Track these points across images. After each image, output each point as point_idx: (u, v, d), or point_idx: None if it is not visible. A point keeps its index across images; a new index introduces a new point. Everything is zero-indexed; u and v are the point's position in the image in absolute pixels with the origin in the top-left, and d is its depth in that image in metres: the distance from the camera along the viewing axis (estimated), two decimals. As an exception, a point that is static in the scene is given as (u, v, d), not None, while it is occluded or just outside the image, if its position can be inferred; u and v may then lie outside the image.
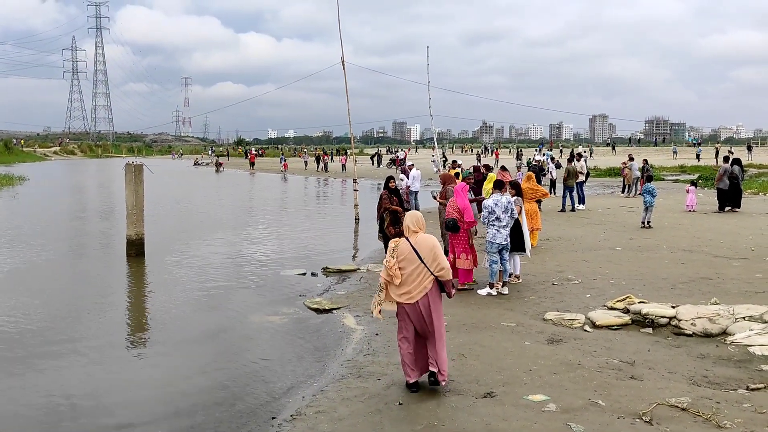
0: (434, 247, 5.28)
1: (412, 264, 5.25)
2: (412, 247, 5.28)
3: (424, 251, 5.25)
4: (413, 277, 5.25)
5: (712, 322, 6.86)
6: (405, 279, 5.27)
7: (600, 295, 8.52)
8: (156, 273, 11.42)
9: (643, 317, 7.18)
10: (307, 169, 50.85)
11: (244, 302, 9.18)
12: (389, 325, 7.51)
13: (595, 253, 11.87)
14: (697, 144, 64.53)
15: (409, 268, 5.25)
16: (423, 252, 5.25)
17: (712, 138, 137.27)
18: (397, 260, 5.29)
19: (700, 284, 9.08)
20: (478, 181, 16.94)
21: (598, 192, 25.95)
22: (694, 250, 11.84)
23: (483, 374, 5.72)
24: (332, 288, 9.86)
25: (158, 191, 27.17)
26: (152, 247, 13.03)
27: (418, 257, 5.25)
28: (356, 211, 18.11)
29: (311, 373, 6.26)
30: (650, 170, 21.47)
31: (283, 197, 30.27)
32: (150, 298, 9.85)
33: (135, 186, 12.56)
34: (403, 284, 5.27)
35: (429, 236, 5.38)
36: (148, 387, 6.19)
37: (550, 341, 6.65)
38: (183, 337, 7.67)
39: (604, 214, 18.01)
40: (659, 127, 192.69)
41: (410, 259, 5.26)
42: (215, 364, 6.67)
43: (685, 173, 34.99)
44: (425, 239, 5.32)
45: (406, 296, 5.28)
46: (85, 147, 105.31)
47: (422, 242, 5.29)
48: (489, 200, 8.91)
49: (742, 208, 17.76)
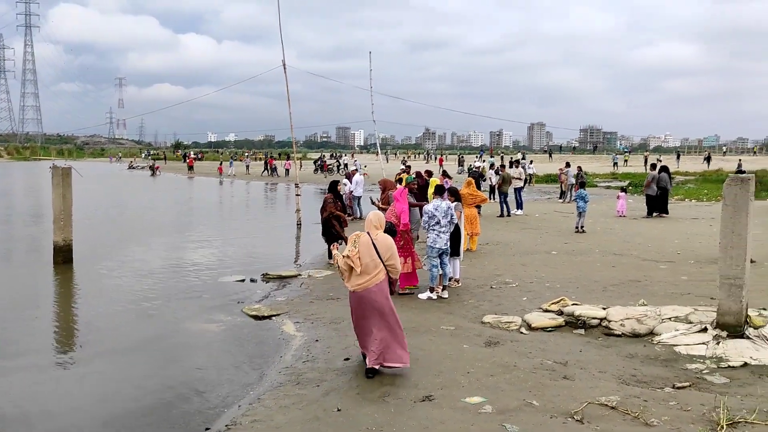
0: (392, 247, 5.90)
1: (368, 257, 5.75)
2: (372, 242, 5.80)
3: (382, 248, 5.82)
4: (369, 269, 5.75)
5: (640, 322, 7.14)
6: (362, 268, 5.73)
7: (536, 298, 8.73)
8: (85, 281, 10.93)
9: (576, 319, 7.40)
10: (249, 173, 50.01)
11: (179, 310, 8.89)
12: (329, 331, 7.46)
13: (532, 257, 12.17)
14: (628, 152, 67.39)
15: (366, 260, 5.74)
16: (381, 248, 5.81)
17: (641, 147, 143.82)
18: (357, 251, 5.74)
19: (630, 286, 9.45)
20: (421, 186, 17.08)
21: (536, 198, 26.68)
22: (624, 254, 12.32)
23: (422, 378, 5.74)
24: (272, 294, 9.70)
25: (90, 195, 26.11)
26: (82, 253, 12.49)
27: (375, 252, 5.77)
28: (298, 216, 17.93)
29: (248, 381, 6.12)
30: (584, 177, 22.27)
31: (223, 202, 29.65)
32: (78, 306, 9.41)
33: (62, 190, 12.02)
34: (354, 275, 5.76)
35: (388, 236, 5.97)
36: (77, 398, 5.89)
37: (488, 344, 6.75)
38: (113, 347, 7.35)
39: (540, 219, 18.52)
40: (593, 135, 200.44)
41: (368, 252, 5.76)
42: (148, 374, 6.43)
43: (616, 180, 36.45)
44: (385, 238, 5.91)
45: (360, 286, 5.76)
46: (11, 149, 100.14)
47: (381, 240, 5.87)
48: (429, 205, 8.99)
49: (669, 213, 18.64)
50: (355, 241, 5.82)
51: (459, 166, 48.68)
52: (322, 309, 8.56)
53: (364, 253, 5.75)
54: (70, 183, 12.17)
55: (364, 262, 5.73)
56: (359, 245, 5.77)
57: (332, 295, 9.33)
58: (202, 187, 38.89)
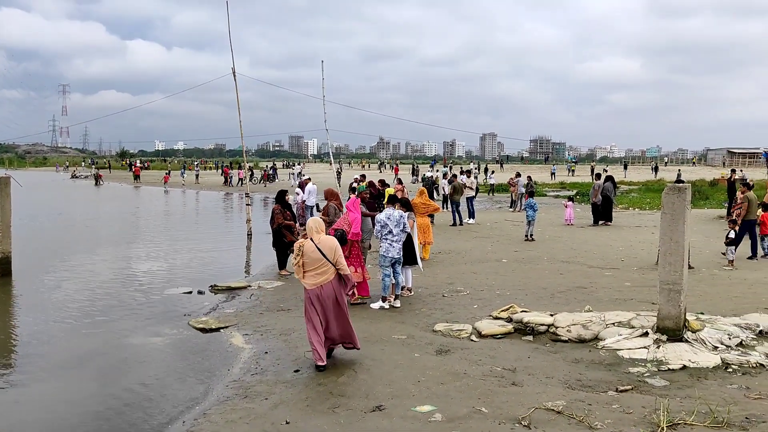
0: (336, 247, 6.38)
1: (316, 260, 6.29)
2: (316, 246, 6.30)
3: (327, 249, 6.32)
4: (319, 270, 6.31)
5: (585, 328, 7.31)
6: (311, 271, 6.30)
7: (486, 306, 8.84)
8: (24, 294, 10.47)
9: (525, 325, 7.53)
10: (199, 182, 49.04)
11: (123, 324, 8.60)
12: (279, 343, 7.36)
13: (483, 265, 12.33)
14: (575, 162, 69.38)
15: (315, 263, 6.30)
16: (325, 250, 6.31)
17: (589, 157, 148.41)
18: (302, 258, 6.29)
19: (576, 293, 9.68)
20: (374, 195, 17.11)
21: (487, 207, 27.10)
22: (571, 261, 12.63)
23: (372, 388, 5.71)
24: (220, 306, 9.50)
25: (31, 206, 25.08)
26: (21, 266, 11.95)
27: (321, 254, 6.28)
28: (249, 226, 17.67)
29: (194, 395, 5.96)
30: (533, 186, 22.75)
31: (171, 212, 28.94)
32: (17, 320, 8.99)
33: (1, 200, 11.50)
34: (309, 276, 6.32)
35: (330, 237, 6.50)
36: (13, 417, 5.60)
37: (439, 352, 6.79)
38: (54, 363, 7.05)
39: (492, 227, 18.82)
40: (542, 145, 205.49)
41: (314, 256, 6.30)
42: (89, 391, 6.19)
43: (564, 189, 37.44)
44: (327, 240, 6.41)
45: (315, 285, 6.32)
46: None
47: (325, 242, 6.37)
48: (381, 214, 9.01)
49: (614, 221, 19.23)
50: (299, 248, 6.33)
51: (413, 176, 49.05)
52: (272, 320, 8.43)
53: (311, 258, 6.28)
54: (8, 193, 11.68)
55: (312, 266, 6.29)
56: (303, 252, 6.29)
57: (282, 306, 9.21)
58: (149, 196, 37.89)
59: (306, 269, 6.30)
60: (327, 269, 6.30)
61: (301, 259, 6.29)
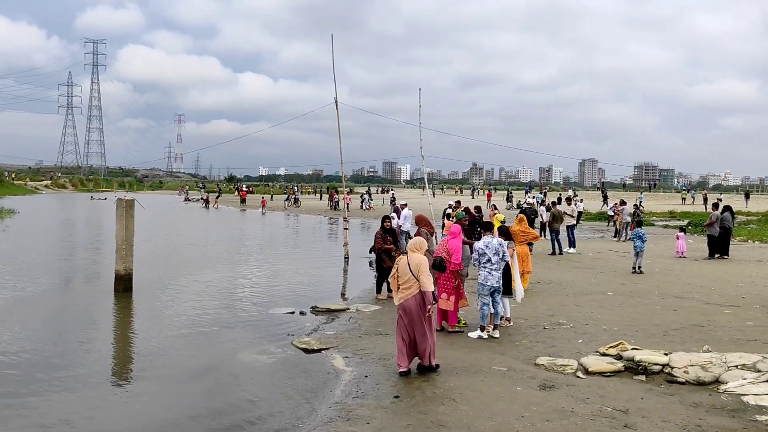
0: (421, 263, 6.94)
1: (406, 275, 6.98)
2: (408, 262, 6.99)
3: (413, 265, 6.95)
4: (406, 285, 6.98)
5: (704, 370, 6.80)
6: (402, 285, 7.01)
7: (592, 341, 8.46)
8: (143, 309, 11.25)
9: (636, 364, 7.12)
10: (299, 206, 50.78)
11: (232, 340, 9.03)
12: (378, 368, 7.41)
13: (587, 297, 11.84)
14: (686, 190, 65.29)
15: (405, 277, 7.00)
16: (412, 265, 6.95)
17: (700, 184, 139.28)
18: (397, 272, 7.09)
19: (692, 331, 9.05)
20: (471, 222, 16.98)
21: (588, 236, 26.07)
22: (685, 297, 11.85)
23: (474, 420, 5.61)
24: (321, 327, 9.73)
25: (148, 226, 27.03)
26: (140, 282, 12.87)
27: (409, 269, 6.95)
28: (346, 250, 18.05)
29: (299, 415, 6.12)
30: (641, 215, 21.65)
31: (273, 234, 30.15)
32: (136, 334, 9.66)
33: (125, 221, 12.48)
34: (400, 290, 7.03)
35: (420, 255, 7.06)
36: (133, 424, 6.00)
37: (543, 387, 6.56)
38: (169, 374, 7.51)
39: (594, 258, 18.06)
40: (648, 172, 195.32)
41: (405, 270, 7.01)
42: (202, 404, 6.52)
43: (675, 219, 35.32)
44: (416, 257, 7.02)
45: (401, 299, 6.99)
46: (76, 181, 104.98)
47: (414, 259, 7.01)
48: (480, 242, 8.92)
49: (731, 255, 17.87)
50: (396, 264, 7.17)
51: (507, 202, 48.07)
52: (371, 344, 8.52)
53: (403, 272, 7.01)
54: (132, 215, 12.64)
55: (403, 280, 7.00)
56: (399, 267, 7.08)
57: (380, 331, 9.29)
58: (253, 219, 39.73)
59: (399, 283, 7.03)
60: (412, 284, 6.90)
61: (396, 273, 7.07)
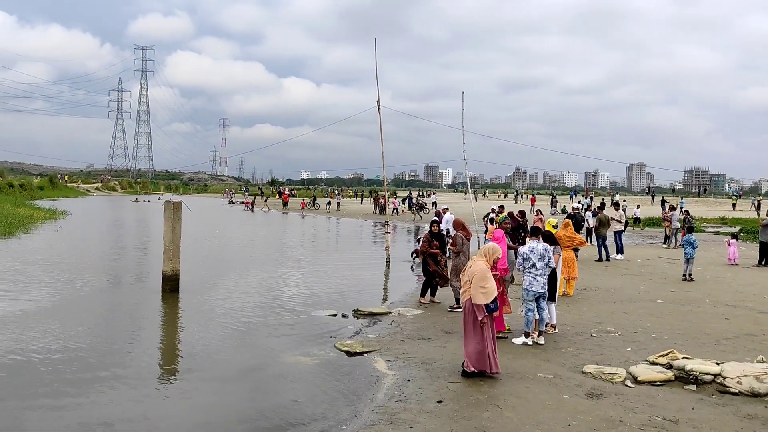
0: (474, 273, 7.03)
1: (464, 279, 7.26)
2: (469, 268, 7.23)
3: (468, 273, 7.14)
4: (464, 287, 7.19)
5: (759, 380, 6.54)
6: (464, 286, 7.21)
7: (641, 349, 8.24)
8: (190, 309, 11.50)
9: (687, 373, 6.89)
10: (340, 209, 51.13)
11: (276, 341, 9.15)
12: (421, 372, 7.39)
13: (635, 304, 11.54)
14: (737, 196, 62.95)
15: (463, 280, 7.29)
16: (467, 273, 7.13)
17: (753, 190, 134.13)
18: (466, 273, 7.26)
19: (745, 341, 8.73)
20: (514, 228, 16.78)
21: (637, 242, 25.42)
22: (737, 305, 11.42)
23: (519, 427, 5.53)
24: (363, 331, 9.76)
25: (193, 228, 27.65)
26: (187, 282, 13.17)
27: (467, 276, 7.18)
28: (387, 254, 18.07)
29: (343, 417, 6.15)
30: (691, 221, 20.99)
31: (316, 237, 30.45)
32: (183, 333, 9.90)
33: (173, 222, 12.78)
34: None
35: (480, 264, 7.14)
36: (180, 422, 6.15)
37: (590, 395, 6.42)
38: (216, 374, 7.65)
39: (643, 264, 17.59)
40: (698, 177, 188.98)
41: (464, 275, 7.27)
42: (247, 403, 6.62)
43: (726, 225, 34.11)
44: (476, 266, 7.13)
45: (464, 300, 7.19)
46: (125, 184, 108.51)
47: (473, 267, 7.16)
48: (525, 247, 8.81)
49: (787, 263, 17.14)
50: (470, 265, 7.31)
51: (552, 207, 47.30)
52: (413, 348, 8.50)
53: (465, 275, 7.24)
54: (180, 216, 12.94)
55: (463, 281, 7.25)
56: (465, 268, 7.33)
57: (423, 335, 9.26)
58: (295, 222, 40.20)
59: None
60: (467, 288, 7.09)
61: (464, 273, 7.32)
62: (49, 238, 24.15)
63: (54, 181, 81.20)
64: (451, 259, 11.38)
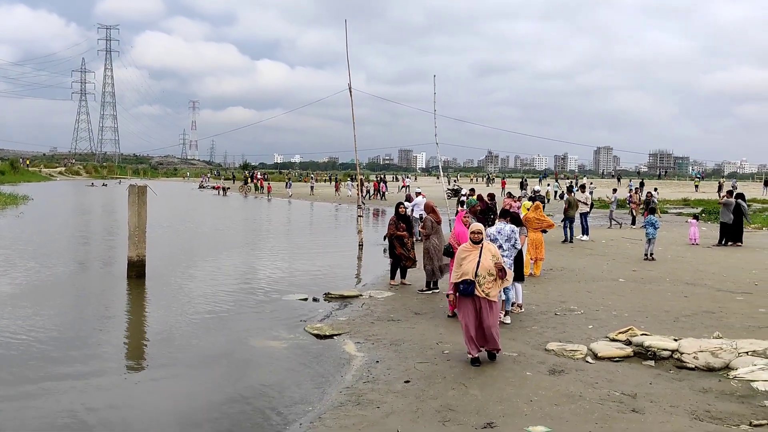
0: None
1: None
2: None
3: None
4: None
5: (714, 356, 6.80)
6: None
7: (602, 327, 8.47)
8: (156, 295, 11.40)
9: (646, 350, 7.13)
10: (313, 194, 50.83)
11: (244, 326, 9.14)
12: (390, 353, 7.49)
13: (598, 284, 11.83)
14: (700, 178, 64.58)
15: None
16: None
17: (715, 172, 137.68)
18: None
19: (703, 318, 9.03)
20: (483, 210, 16.96)
21: (602, 223, 25.91)
22: (696, 284, 11.80)
23: (484, 404, 5.67)
24: (333, 314, 9.82)
25: (161, 213, 27.27)
26: (153, 268, 13.03)
27: None
28: (360, 237, 18.12)
29: (310, 399, 6.21)
30: (654, 202, 21.50)
31: (290, 221, 30.32)
32: (149, 320, 9.81)
33: (138, 207, 12.60)
34: None
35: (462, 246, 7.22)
36: (145, 410, 6.13)
37: (552, 372, 6.60)
38: (181, 360, 7.62)
39: (607, 245, 17.98)
40: (663, 160, 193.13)
41: None
42: (214, 389, 6.62)
43: (688, 206, 34.99)
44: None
45: None
46: (90, 168, 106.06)
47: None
48: (492, 228, 8.94)
49: (744, 242, 17.72)
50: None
51: (522, 190, 47.81)
52: (383, 330, 8.59)
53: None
54: (145, 201, 12.75)
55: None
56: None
57: (392, 317, 9.36)
58: (267, 206, 39.91)
59: None
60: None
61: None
62: (11, 224, 23.57)
63: (15, 165, 78.86)
64: (422, 242, 11.49)
